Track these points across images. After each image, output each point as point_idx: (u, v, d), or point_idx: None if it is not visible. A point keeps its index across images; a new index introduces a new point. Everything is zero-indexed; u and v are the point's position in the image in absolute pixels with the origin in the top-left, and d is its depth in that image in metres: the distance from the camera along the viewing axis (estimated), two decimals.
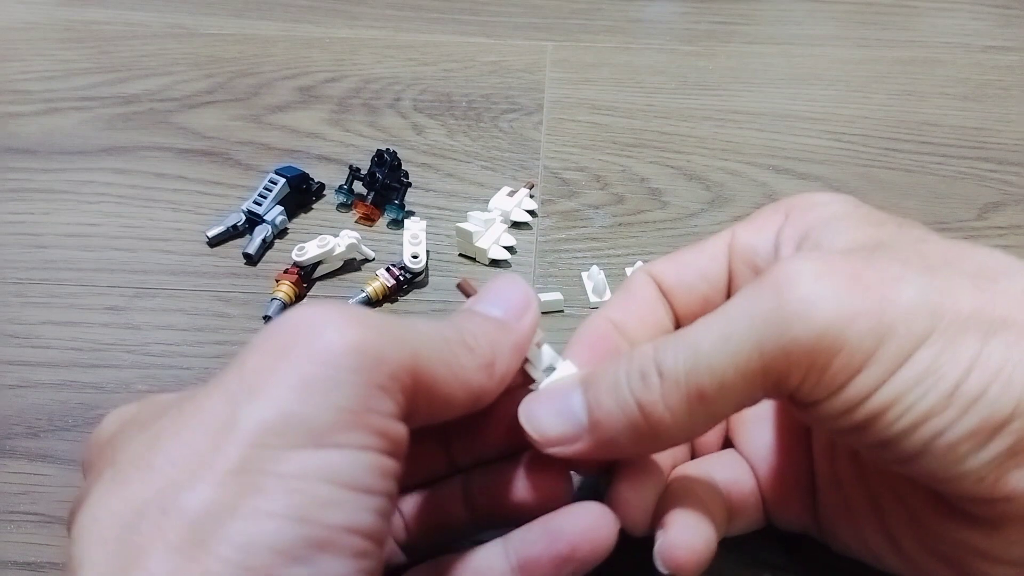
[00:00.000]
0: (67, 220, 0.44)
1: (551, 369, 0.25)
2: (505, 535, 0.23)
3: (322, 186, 0.45)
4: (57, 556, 0.30)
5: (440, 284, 0.41)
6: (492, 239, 0.41)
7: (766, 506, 0.27)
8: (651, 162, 0.48)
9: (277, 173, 0.44)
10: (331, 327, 0.18)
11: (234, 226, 0.43)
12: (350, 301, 0.39)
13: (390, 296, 0.39)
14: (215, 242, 0.42)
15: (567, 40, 0.60)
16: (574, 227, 0.44)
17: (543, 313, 0.39)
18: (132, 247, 0.42)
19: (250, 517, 0.16)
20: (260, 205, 0.43)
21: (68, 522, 0.19)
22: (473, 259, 0.42)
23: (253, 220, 0.43)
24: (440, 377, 0.20)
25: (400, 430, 0.19)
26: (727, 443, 0.29)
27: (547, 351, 0.25)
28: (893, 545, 0.24)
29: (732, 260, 0.26)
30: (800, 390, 0.20)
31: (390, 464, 0.19)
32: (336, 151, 0.49)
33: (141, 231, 0.43)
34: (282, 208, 0.43)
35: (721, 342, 0.20)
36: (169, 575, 0.16)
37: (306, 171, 0.44)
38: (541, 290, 0.40)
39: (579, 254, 0.42)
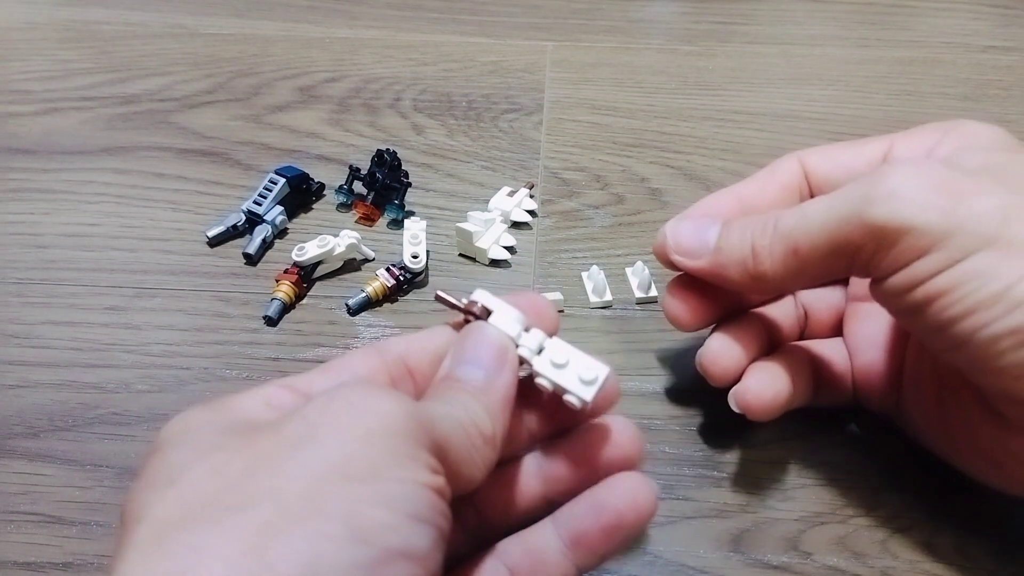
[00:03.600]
0: (67, 220, 0.44)
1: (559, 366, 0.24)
2: (553, 514, 0.24)
3: (322, 186, 0.45)
4: (57, 556, 0.30)
5: (440, 284, 0.41)
6: (492, 239, 0.41)
7: (857, 390, 0.32)
8: (651, 162, 0.48)
9: (277, 173, 0.44)
10: (388, 399, 0.20)
11: (234, 226, 0.43)
12: (350, 301, 0.39)
13: (390, 296, 0.39)
14: (215, 242, 0.42)
15: (567, 40, 0.60)
16: (574, 227, 0.44)
17: None
18: (132, 247, 0.42)
19: (311, 538, 0.17)
20: (260, 205, 0.43)
21: (121, 517, 0.20)
22: (473, 259, 0.42)
23: (253, 220, 0.43)
24: (463, 462, 0.21)
25: (442, 482, 0.20)
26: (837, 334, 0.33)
27: (554, 347, 0.25)
28: (952, 442, 0.28)
29: None
30: (871, 263, 0.24)
31: (440, 504, 0.20)
32: (336, 151, 0.49)
33: (141, 231, 0.43)
34: (282, 208, 0.43)
35: (822, 211, 0.25)
36: None
37: (306, 171, 0.44)
38: (541, 290, 0.40)
39: (579, 254, 0.42)
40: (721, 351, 0.30)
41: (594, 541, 0.24)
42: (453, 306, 0.25)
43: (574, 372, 0.24)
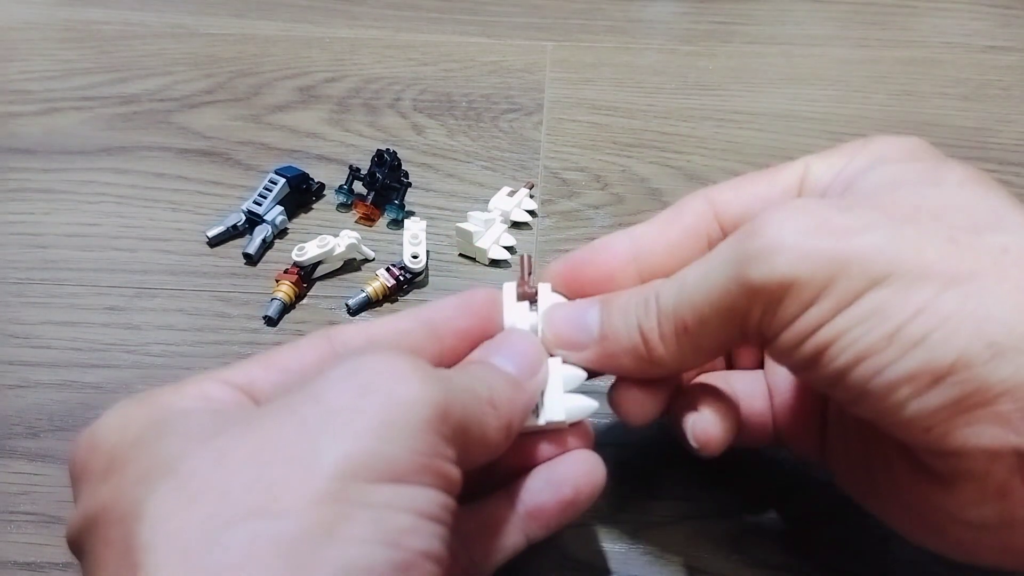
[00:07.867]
0: (67, 220, 0.44)
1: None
2: (508, 488, 0.25)
3: (322, 186, 0.45)
4: (57, 556, 0.30)
5: (440, 284, 0.41)
6: (492, 239, 0.41)
7: (778, 431, 0.29)
8: (651, 162, 0.48)
9: (277, 173, 0.44)
10: (411, 377, 0.20)
11: (234, 226, 0.43)
12: (350, 301, 0.39)
13: (390, 296, 0.39)
14: (215, 242, 0.42)
15: (567, 40, 0.60)
16: (574, 227, 0.44)
17: None
18: (132, 247, 0.42)
19: (345, 543, 0.17)
20: (260, 205, 0.43)
21: (75, 531, 0.20)
22: (473, 259, 0.42)
23: (253, 220, 0.43)
24: (474, 435, 0.21)
25: (457, 474, 0.20)
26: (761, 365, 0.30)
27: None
28: (884, 505, 0.25)
29: (803, 195, 0.26)
30: (760, 326, 0.22)
31: (450, 501, 0.20)
32: (336, 151, 0.49)
33: (141, 231, 0.43)
34: (282, 208, 0.43)
35: (701, 280, 0.22)
36: None
37: (306, 171, 0.44)
38: None
39: None
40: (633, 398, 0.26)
41: (550, 514, 0.25)
42: (523, 271, 0.27)
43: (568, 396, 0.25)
